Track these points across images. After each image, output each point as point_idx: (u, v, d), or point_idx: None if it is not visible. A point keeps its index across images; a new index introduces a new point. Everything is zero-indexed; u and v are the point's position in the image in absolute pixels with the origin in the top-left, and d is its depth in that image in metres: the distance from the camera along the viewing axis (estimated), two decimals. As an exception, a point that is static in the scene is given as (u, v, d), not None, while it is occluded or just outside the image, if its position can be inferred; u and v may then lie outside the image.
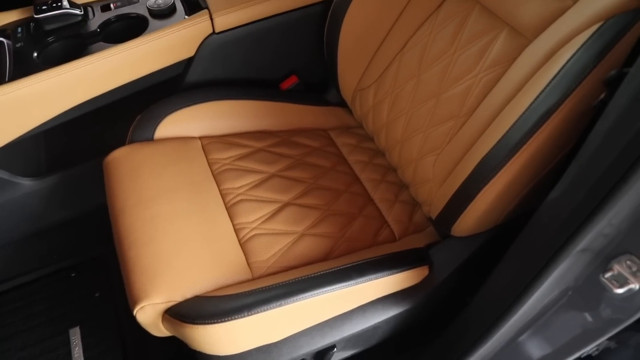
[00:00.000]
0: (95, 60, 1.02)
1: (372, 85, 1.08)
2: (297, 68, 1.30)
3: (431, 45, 0.97)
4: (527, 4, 0.84)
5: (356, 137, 1.19)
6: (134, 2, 1.17)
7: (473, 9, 0.92)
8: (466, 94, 0.89)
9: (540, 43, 0.79)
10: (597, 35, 0.68)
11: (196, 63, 1.14)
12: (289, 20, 1.17)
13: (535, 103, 0.71)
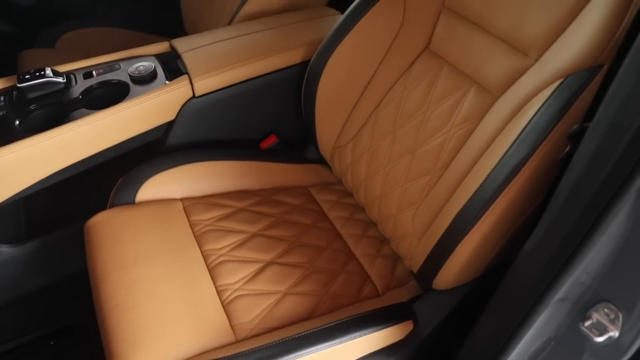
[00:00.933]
0: (77, 127, 1.04)
1: (349, 142, 1.11)
2: (276, 127, 1.33)
3: (405, 102, 1.01)
4: (492, 63, 0.88)
5: (336, 193, 1.21)
6: (115, 68, 1.19)
7: (442, 68, 0.97)
8: (440, 149, 0.92)
9: (506, 99, 0.83)
10: (559, 91, 0.72)
11: (177, 126, 1.16)
12: (267, 82, 1.21)
13: (505, 157, 0.73)
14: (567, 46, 0.75)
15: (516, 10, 0.84)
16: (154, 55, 1.23)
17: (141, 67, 1.16)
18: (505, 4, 0.86)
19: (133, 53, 1.23)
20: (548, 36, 0.79)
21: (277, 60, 1.19)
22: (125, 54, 1.23)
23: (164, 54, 1.24)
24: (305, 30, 1.28)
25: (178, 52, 1.20)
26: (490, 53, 0.89)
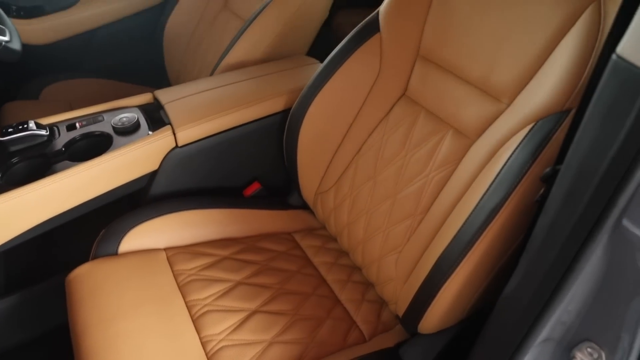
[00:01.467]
0: (60, 179, 1.04)
1: (331, 188, 1.12)
2: (259, 175, 1.34)
3: (384, 148, 1.03)
4: (466, 108, 0.91)
5: (320, 239, 1.21)
6: (99, 120, 1.21)
7: (419, 114, 1.00)
8: (420, 193, 0.94)
9: (482, 143, 0.85)
10: (530, 135, 0.75)
11: (160, 176, 1.17)
12: (249, 131, 1.23)
13: (482, 201, 0.75)
14: (536, 92, 0.78)
15: (487, 59, 0.88)
16: (137, 106, 1.25)
17: (124, 118, 1.17)
18: (477, 53, 0.90)
19: (116, 104, 1.25)
20: (518, 83, 0.83)
21: (258, 109, 1.22)
22: (108, 105, 1.25)
23: (147, 104, 1.26)
24: (286, 79, 1.31)
25: (161, 103, 1.22)
26: (464, 99, 0.92)
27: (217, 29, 1.65)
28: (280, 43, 1.41)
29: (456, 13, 0.94)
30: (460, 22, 0.93)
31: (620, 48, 0.52)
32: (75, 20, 1.80)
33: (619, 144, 0.51)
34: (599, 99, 0.54)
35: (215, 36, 1.64)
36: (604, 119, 0.53)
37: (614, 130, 0.51)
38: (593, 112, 0.54)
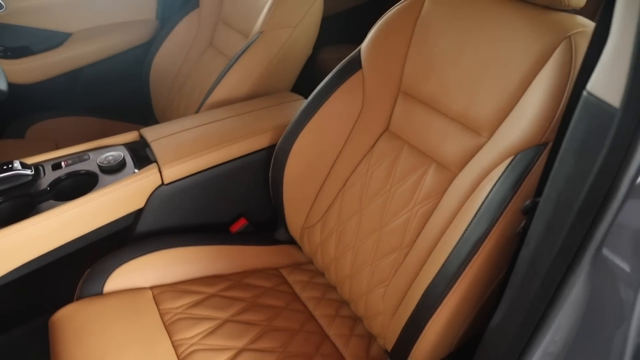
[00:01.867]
0: (44, 219, 1.03)
1: (318, 222, 1.13)
2: (245, 210, 1.34)
3: (369, 182, 1.05)
4: (448, 142, 0.93)
5: (308, 274, 1.21)
6: (85, 159, 1.21)
7: (402, 148, 1.02)
8: (405, 226, 0.95)
9: (464, 177, 0.87)
10: (510, 168, 0.76)
11: (146, 214, 1.17)
12: (235, 167, 1.24)
13: (466, 234, 0.76)
14: (514, 126, 0.81)
15: (466, 94, 0.91)
16: (123, 144, 1.25)
17: (110, 157, 1.18)
18: (456, 88, 0.92)
19: (102, 143, 1.26)
20: (497, 117, 0.85)
21: (244, 146, 1.23)
22: (94, 144, 1.25)
23: (133, 142, 1.26)
24: (271, 115, 1.33)
25: (147, 141, 1.22)
26: (446, 133, 0.94)
27: (203, 66, 1.68)
28: (265, 80, 1.44)
29: (434, 50, 0.97)
30: (438, 58, 0.96)
31: (590, 85, 0.55)
32: (62, 59, 1.82)
33: (593, 178, 0.53)
34: (572, 135, 0.56)
35: (201, 74, 1.67)
36: (577, 154, 0.55)
37: (588, 165, 0.53)
38: (567, 148, 0.56)
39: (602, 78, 0.53)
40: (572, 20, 0.81)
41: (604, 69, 0.53)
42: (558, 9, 0.84)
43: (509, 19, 0.86)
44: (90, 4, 1.84)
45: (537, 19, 0.83)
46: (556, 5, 0.82)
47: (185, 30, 1.77)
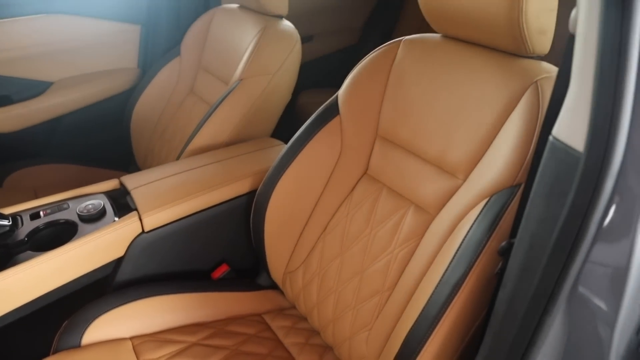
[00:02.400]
0: (22, 271, 1.01)
1: (300, 267, 1.13)
2: (226, 256, 1.34)
3: (349, 226, 1.06)
4: (425, 185, 0.95)
5: (291, 319, 1.20)
6: (64, 208, 1.20)
7: (381, 191, 1.03)
8: (386, 269, 0.95)
9: (441, 219, 0.88)
10: (486, 210, 0.78)
11: (126, 262, 1.16)
12: (216, 214, 1.24)
13: (445, 276, 0.77)
14: (488, 168, 0.83)
15: (441, 138, 0.93)
16: (104, 192, 1.25)
17: (90, 205, 1.17)
18: (431, 132, 0.95)
19: (82, 192, 1.25)
20: (471, 159, 0.87)
21: (224, 192, 1.24)
22: (74, 192, 1.25)
23: (114, 190, 1.26)
24: (251, 161, 1.34)
25: (127, 189, 1.22)
26: (423, 176, 0.96)
27: (184, 113, 1.70)
28: (245, 126, 1.46)
29: (409, 95, 1.00)
30: (413, 103, 0.99)
31: (555, 130, 0.57)
32: (42, 108, 1.82)
33: (563, 220, 0.54)
34: (541, 178, 0.58)
35: (182, 120, 1.69)
36: (547, 197, 0.56)
37: (558, 208, 0.54)
38: (537, 191, 0.58)
39: (566, 123, 0.55)
40: (538, 67, 0.84)
41: (567, 115, 0.55)
42: (524, 56, 0.87)
43: (479, 65, 0.90)
44: (72, 54, 1.86)
45: (505, 65, 0.87)
46: (522, 52, 0.85)
47: (167, 78, 1.80)
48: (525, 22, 0.79)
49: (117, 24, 1.90)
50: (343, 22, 2.53)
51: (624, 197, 0.51)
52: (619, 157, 0.50)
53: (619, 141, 0.50)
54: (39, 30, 1.74)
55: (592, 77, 0.51)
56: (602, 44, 0.50)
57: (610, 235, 0.53)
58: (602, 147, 0.50)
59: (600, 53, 0.50)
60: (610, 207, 0.52)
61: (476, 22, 0.86)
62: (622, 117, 0.49)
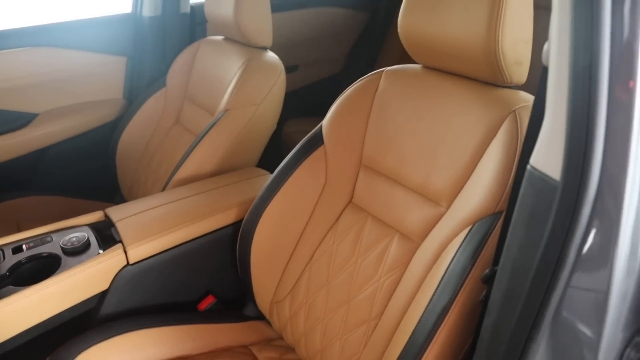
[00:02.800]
0: (3, 306, 0.99)
1: (286, 297, 1.12)
2: (213, 287, 1.33)
3: (335, 254, 1.06)
4: (410, 213, 0.96)
5: (278, 350, 1.19)
6: (47, 241, 1.19)
7: (366, 220, 1.04)
8: (373, 298, 0.95)
9: (426, 247, 0.89)
10: (469, 238, 0.79)
11: (110, 295, 1.14)
12: (202, 244, 1.23)
13: (431, 304, 0.77)
14: (470, 196, 0.84)
15: (424, 166, 0.94)
16: (88, 224, 1.24)
17: (74, 238, 1.16)
18: (414, 161, 0.96)
19: (66, 224, 1.24)
20: (454, 187, 0.89)
21: (210, 223, 1.23)
22: (57, 225, 1.24)
23: (98, 222, 1.25)
24: (237, 191, 1.35)
25: (112, 221, 1.22)
26: (407, 204, 0.97)
27: (170, 143, 1.70)
28: (231, 156, 1.47)
29: (392, 124, 1.02)
30: (396, 132, 1.00)
31: (532, 159, 0.58)
32: (26, 140, 1.82)
33: (543, 247, 0.55)
34: (521, 206, 0.59)
35: (168, 150, 1.69)
36: (527, 225, 0.57)
37: (537, 235, 0.56)
38: (517, 219, 0.59)
39: (542, 153, 0.57)
40: (516, 96, 0.87)
41: (543, 145, 0.57)
42: (503, 86, 0.90)
43: (459, 95, 0.92)
44: (58, 85, 1.86)
45: (484, 95, 0.89)
46: (500, 82, 0.88)
47: (153, 108, 1.81)
48: (502, 54, 0.81)
49: (103, 56, 1.92)
50: (327, 52, 2.57)
51: (602, 220, 0.52)
52: (594, 185, 0.51)
53: (593, 169, 0.51)
54: (25, 62, 1.75)
55: (565, 108, 0.53)
56: (573, 76, 0.51)
57: (590, 261, 0.54)
58: (578, 176, 0.52)
59: (572, 85, 0.52)
60: (588, 233, 0.53)
61: (455, 53, 0.89)
62: (595, 146, 0.51)
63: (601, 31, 0.49)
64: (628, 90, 0.49)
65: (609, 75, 0.49)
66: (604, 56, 0.49)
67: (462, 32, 0.85)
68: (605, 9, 0.48)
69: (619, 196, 0.52)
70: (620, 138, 0.50)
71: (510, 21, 0.80)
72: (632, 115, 0.50)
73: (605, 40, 0.49)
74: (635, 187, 0.51)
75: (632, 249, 0.53)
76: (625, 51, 0.49)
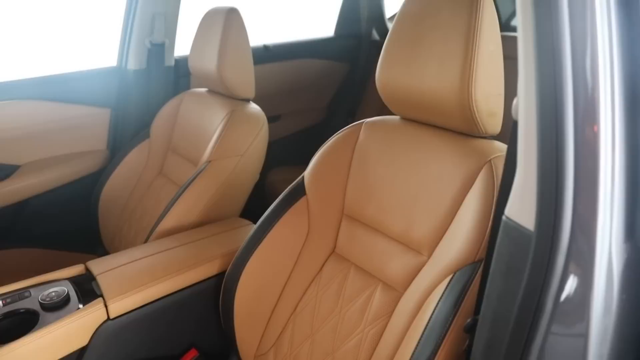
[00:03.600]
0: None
1: (270, 349, 1.11)
2: (196, 341, 1.30)
3: (319, 305, 1.05)
4: (392, 262, 0.97)
5: (262, 405, 1.16)
6: (25, 296, 1.16)
7: (350, 269, 1.04)
8: (357, 349, 0.94)
9: (409, 296, 0.89)
10: (450, 287, 0.80)
11: (90, 352, 1.11)
12: (185, 297, 1.21)
13: (415, 355, 0.77)
14: (450, 245, 0.85)
15: (405, 215, 0.96)
16: (68, 278, 1.22)
17: (53, 293, 1.14)
18: (395, 210, 0.98)
19: (45, 278, 1.22)
20: (434, 236, 0.90)
21: (192, 275, 1.22)
22: (36, 279, 1.21)
23: (79, 276, 1.23)
24: (220, 242, 1.34)
25: (93, 274, 1.20)
26: (389, 253, 0.98)
27: (153, 194, 1.70)
28: (214, 207, 1.47)
29: (372, 175, 1.04)
30: (376, 183, 1.02)
31: (507, 209, 0.60)
32: (8, 192, 1.80)
33: (521, 296, 0.56)
34: (498, 256, 0.60)
35: (151, 201, 1.69)
36: (505, 275, 0.59)
37: (515, 284, 0.57)
38: (495, 268, 0.60)
39: (516, 203, 0.59)
40: (491, 146, 0.90)
41: (516, 195, 0.59)
42: (478, 136, 0.93)
43: (436, 145, 0.95)
44: (40, 137, 1.87)
45: (461, 145, 0.92)
46: (475, 132, 0.91)
47: (136, 159, 1.82)
48: (476, 106, 0.85)
49: (88, 108, 1.94)
50: (309, 102, 2.63)
51: (577, 264, 0.54)
52: (567, 234, 0.53)
53: (565, 218, 0.53)
54: (9, 115, 1.76)
55: (535, 160, 0.55)
56: (540, 129, 0.54)
57: (568, 306, 0.55)
58: (551, 226, 0.53)
59: (540, 138, 0.54)
60: (564, 281, 0.54)
61: (431, 106, 0.92)
62: (565, 195, 0.53)
63: (564, 85, 0.52)
64: (593, 134, 0.52)
65: (574, 124, 0.52)
66: (568, 109, 0.51)
67: (438, 86, 0.88)
68: (566, 65, 0.51)
69: (591, 239, 0.53)
70: (588, 182, 0.52)
71: (481, 76, 0.83)
72: (598, 158, 0.52)
73: (569, 93, 0.51)
74: (606, 228, 0.53)
75: (607, 288, 0.54)
76: (589, 100, 0.51)
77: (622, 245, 0.55)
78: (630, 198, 0.54)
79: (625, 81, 0.52)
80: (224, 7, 1.56)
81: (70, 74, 1.89)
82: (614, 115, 0.51)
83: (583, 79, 0.52)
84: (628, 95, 0.52)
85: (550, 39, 0.52)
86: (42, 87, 1.82)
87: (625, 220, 0.54)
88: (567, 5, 0.51)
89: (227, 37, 1.51)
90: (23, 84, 1.79)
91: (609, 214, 0.53)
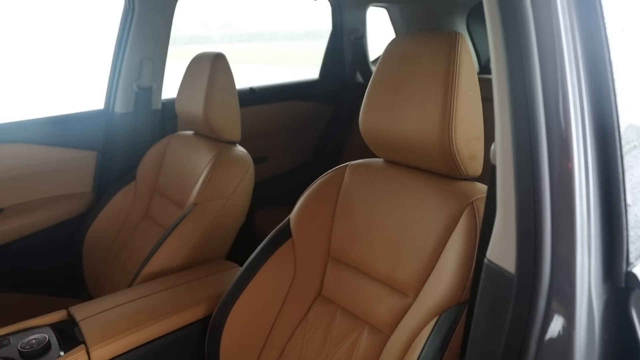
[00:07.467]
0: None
1: (256, 396, 1.09)
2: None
3: (306, 349, 1.04)
4: (378, 304, 0.97)
5: None
6: (4, 344, 1.13)
7: (336, 312, 1.04)
8: (345, 394, 0.93)
9: (396, 338, 0.89)
10: (436, 329, 0.80)
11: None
12: (169, 342, 1.19)
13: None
14: (435, 287, 0.86)
15: (390, 257, 0.97)
16: (50, 324, 1.19)
17: (33, 340, 1.11)
18: (380, 252, 0.99)
19: (26, 325, 1.19)
20: (419, 278, 0.91)
21: (177, 319, 1.20)
22: (16, 326, 1.19)
23: (61, 322, 1.21)
24: (205, 286, 1.33)
25: (76, 320, 1.18)
26: (375, 295, 0.98)
27: (138, 237, 1.69)
28: (200, 249, 1.46)
29: (357, 217, 1.05)
30: (361, 225, 1.03)
31: (488, 252, 0.61)
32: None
33: (505, 339, 0.57)
34: (481, 298, 0.61)
35: (136, 244, 1.67)
36: (488, 317, 0.59)
37: (499, 327, 0.57)
38: (479, 311, 0.61)
39: (497, 246, 0.60)
40: (473, 188, 0.92)
41: (497, 238, 0.60)
42: (460, 178, 0.95)
43: (419, 187, 0.97)
44: (25, 180, 1.85)
45: (443, 187, 0.94)
46: (457, 175, 0.93)
47: (121, 202, 1.81)
48: (456, 150, 0.87)
49: (73, 151, 1.94)
50: (295, 143, 2.65)
51: (559, 302, 0.54)
52: (547, 275, 0.54)
53: (544, 260, 0.54)
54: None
55: (513, 203, 0.56)
56: (517, 175, 0.56)
57: (552, 347, 0.55)
58: (531, 267, 0.54)
59: (517, 182, 0.56)
60: (547, 322, 0.55)
61: (413, 149, 0.94)
62: (544, 237, 0.54)
63: (538, 128, 0.54)
64: (567, 171, 0.53)
65: (549, 163, 0.53)
66: (542, 150, 0.53)
67: (419, 130, 0.90)
68: (539, 109, 0.53)
69: (571, 278, 0.54)
70: (566, 221, 0.53)
71: (461, 120, 0.86)
72: (574, 195, 0.53)
73: (542, 135, 0.53)
74: (585, 267, 0.54)
75: (588, 329, 0.55)
76: (563, 139, 0.53)
77: (601, 287, 0.56)
78: (606, 236, 0.55)
79: (595, 120, 0.54)
80: (211, 52, 1.59)
81: (58, 117, 1.90)
82: (587, 151, 0.53)
83: (557, 121, 0.54)
84: (598, 134, 0.54)
85: (523, 84, 0.54)
86: (28, 130, 1.83)
87: (603, 259, 0.56)
88: (537, 53, 0.53)
89: (213, 81, 1.54)
90: (9, 127, 1.79)
91: (586, 252, 0.54)
